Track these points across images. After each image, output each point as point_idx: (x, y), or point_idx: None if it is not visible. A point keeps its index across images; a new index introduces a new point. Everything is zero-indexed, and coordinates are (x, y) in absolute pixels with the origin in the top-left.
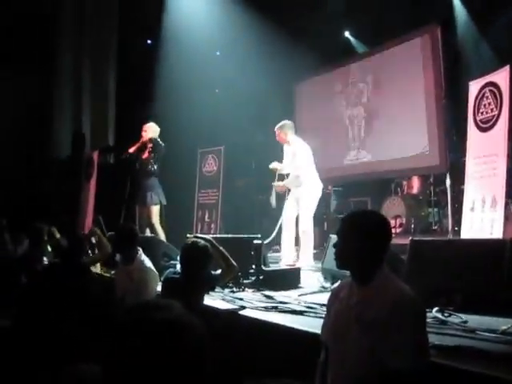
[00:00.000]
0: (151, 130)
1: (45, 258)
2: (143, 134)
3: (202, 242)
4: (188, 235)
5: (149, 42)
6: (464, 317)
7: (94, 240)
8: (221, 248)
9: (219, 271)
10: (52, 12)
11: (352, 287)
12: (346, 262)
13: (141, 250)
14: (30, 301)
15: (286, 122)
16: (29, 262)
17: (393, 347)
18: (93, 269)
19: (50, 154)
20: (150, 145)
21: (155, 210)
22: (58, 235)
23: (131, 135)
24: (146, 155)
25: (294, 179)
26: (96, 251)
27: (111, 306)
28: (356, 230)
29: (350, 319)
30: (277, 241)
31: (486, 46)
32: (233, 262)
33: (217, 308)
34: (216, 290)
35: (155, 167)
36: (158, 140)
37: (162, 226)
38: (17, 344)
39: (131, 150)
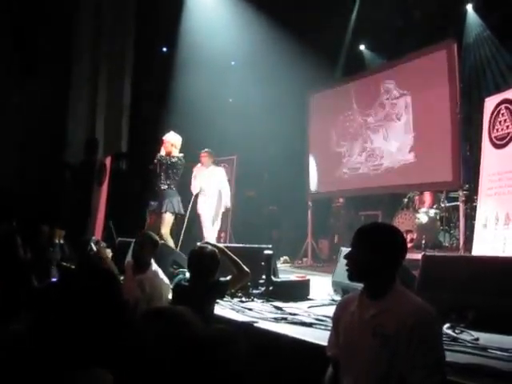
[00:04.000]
0: (169, 142)
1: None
2: (166, 144)
3: (209, 247)
4: (198, 243)
5: (164, 49)
6: (475, 334)
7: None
8: (232, 255)
9: (229, 277)
10: (69, 19)
11: (362, 301)
12: (360, 274)
13: (153, 260)
14: (50, 304)
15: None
16: (38, 265)
17: (413, 362)
18: None
19: (62, 159)
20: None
21: (167, 219)
22: (61, 240)
23: (144, 142)
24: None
25: None
26: None
27: (126, 312)
28: (371, 243)
29: (365, 333)
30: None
31: (503, 61)
32: (244, 267)
33: (230, 318)
34: (225, 299)
35: (162, 186)
36: (179, 156)
37: (172, 236)
38: (34, 347)
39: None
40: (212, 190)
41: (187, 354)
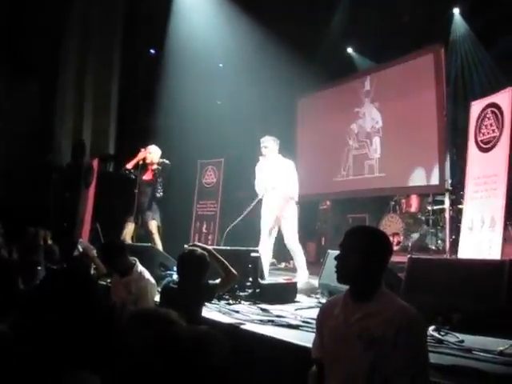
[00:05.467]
0: (156, 154)
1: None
2: (147, 155)
3: (199, 250)
4: (186, 246)
5: (152, 51)
6: (460, 336)
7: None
8: (220, 257)
9: (218, 280)
10: (56, 22)
11: (347, 304)
12: (349, 276)
13: (137, 261)
14: (35, 306)
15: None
16: (24, 267)
17: (398, 364)
18: None
19: (50, 161)
20: (154, 166)
21: (154, 224)
22: (50, 241)
23: (132, 144)
24: (149, 177)
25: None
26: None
27: (112, 314)
28: (360, 245)
29: (350, 336)
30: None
31: (488, 65)
32: (232, 270)
33: (217, 321)
34: (212, 301)
35: (160, 193)
36: (167, 163)
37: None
38: (19, 349)
39: (129, 166)
40: (278, 186)
41: (170, 356)
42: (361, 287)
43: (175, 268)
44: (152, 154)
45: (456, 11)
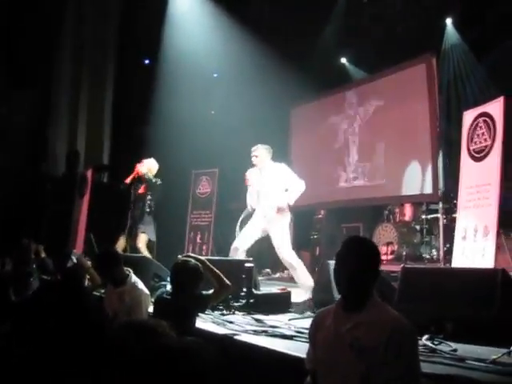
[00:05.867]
0: (146, 166)
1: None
2: (141, 168)
3: (193, 261)
4: (179, 256)
5: (146, 62)
6: (454, 345)
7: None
8: (213, 267)
9: (212, 291)
10: (51, 29)
11: (338, 315)
12: (347, 286)
13: (131, 272)
14: (28, 318)
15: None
16: (17, 278)
17: (389, 374)
18: None
19: (44, 171)
20: (146, 176)
21: (143, 238)
22: (43, 254)
23: (126, 154)
24: (141, 191)
25: None
26: None
27: (104, 325)
28: (360, 256)
29: (342, 346)
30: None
31: (480, 75)
32: (226, 281)
33: (211, 331)
34: (206, 312)
35: (152, 206)
36: (153, 179)
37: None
38: (13, 360)
39: (127, 181)
40: (271, 195)
41: (158, 367)
42: (352, 297)
43: (169, 278)
44: (145, 166)
45: (448, 21)
